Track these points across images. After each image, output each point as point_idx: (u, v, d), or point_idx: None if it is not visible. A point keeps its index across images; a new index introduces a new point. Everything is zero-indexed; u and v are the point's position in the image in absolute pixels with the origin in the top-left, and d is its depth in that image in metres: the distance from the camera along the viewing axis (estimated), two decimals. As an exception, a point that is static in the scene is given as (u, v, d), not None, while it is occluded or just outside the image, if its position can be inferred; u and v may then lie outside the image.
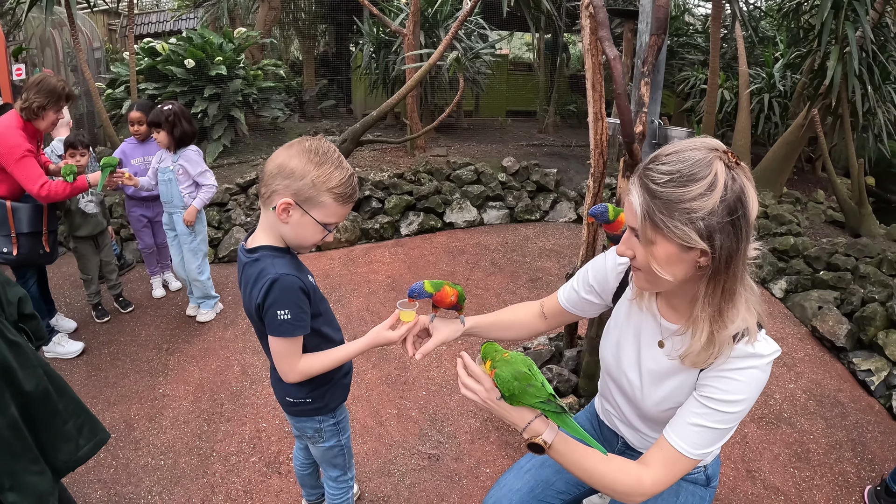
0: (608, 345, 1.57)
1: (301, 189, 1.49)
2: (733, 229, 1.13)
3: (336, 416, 1.87)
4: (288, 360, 1.62)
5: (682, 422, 1.31)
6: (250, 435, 3.09)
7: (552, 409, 1.30)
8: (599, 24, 2.24)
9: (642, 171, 1.20)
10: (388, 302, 4.48)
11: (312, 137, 1.56)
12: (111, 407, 3.31)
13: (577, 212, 6.48)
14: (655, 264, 1.20)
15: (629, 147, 2.29)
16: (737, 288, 1.20)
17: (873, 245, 4.96)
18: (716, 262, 1.15)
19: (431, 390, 3.50)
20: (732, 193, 1.12)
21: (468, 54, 7.62)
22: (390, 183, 6.07)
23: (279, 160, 1.52)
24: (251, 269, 1.56)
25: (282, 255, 1.59)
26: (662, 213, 1.14)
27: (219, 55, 6.97)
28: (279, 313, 1.53)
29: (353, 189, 1.56)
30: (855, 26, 5.49)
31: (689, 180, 1.12)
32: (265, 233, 1.60)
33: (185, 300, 4.48)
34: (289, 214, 1.52)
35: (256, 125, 8.25)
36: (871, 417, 3.55)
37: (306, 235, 1.56)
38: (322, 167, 1.50)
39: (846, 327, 4.07)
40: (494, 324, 1.74)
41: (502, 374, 1.29)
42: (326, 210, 1.53)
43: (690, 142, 1.18)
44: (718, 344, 1.24)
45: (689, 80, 9.16)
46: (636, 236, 1.23)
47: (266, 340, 1.65)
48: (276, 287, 1.51)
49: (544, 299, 1.74)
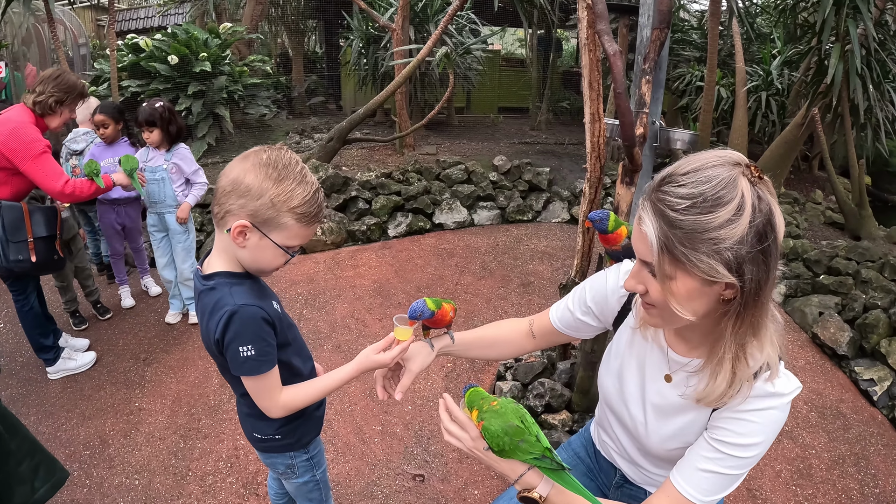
0: (608, 374, 1.42)
1: (259, 209, 1.30)
2: (764, 257, 0.97)
3: (309, 450, 1.69)
4: (267, 396, 1.44)
5: (692, 466, 1.18)
6: (227, 453, 2.93)
7: (548, 467, 1.15)
8: (598, 16, 2.08)
9: (654, 193, 1.03)
10: (373, 308, 4.33)
11: (271, 147, 1.36)
12: (86, 421, 3.16)
13: (570, 212, 6.32)
14: (674, 301, 1.04)
15: (629, 151, 2.14)
16: (763, 320, 1.05)
17: (875, 249, 4.84)
18: (745, 295, 1.00)
19: (418, 405, 3.35)
20: (762, 216, 0.96)
21: (458, 50, 7.45)
22: (378, 183, 5.90)
23: (233, 175, 1.32)
24: (207, 299, 1.38)
25: (240, 282, 1.40)
26: (685, 244, 0.98)
27: (203, 51, 6.78)
28: (241, 350, 1.34)
29: (318, 207, 1.37)
30: (857, 23, 5.36)
31: (715, 205, 0.96)
32: (220, 257, 1.41)
33: (164, 307, 4.31)
34: (245, 238, 1.33)
35: (242, 123, 8.07)
36: (874, 429, 3.43)
37: (266, 260, 1.38)
38: (282, 184, 1.30)
39: (848, 335, 3.95)
40: (477, 341, 1.59)
41: (491, 427, 1.13)
42: (288, 232, 1.34)
43: (708, 156, 1.02)
44: (739, 383, 1.09)
45: (685, 77, 9.04)
46: (648, 268, 1.07)
47: (229, 375, 1.48)
48: (236, 320, 1.32)
49: (533, 317, 1.58)
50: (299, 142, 7.81)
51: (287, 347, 1.51)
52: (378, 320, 4.17)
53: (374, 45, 8.01)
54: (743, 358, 1.07)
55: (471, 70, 8.49)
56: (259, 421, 1.55)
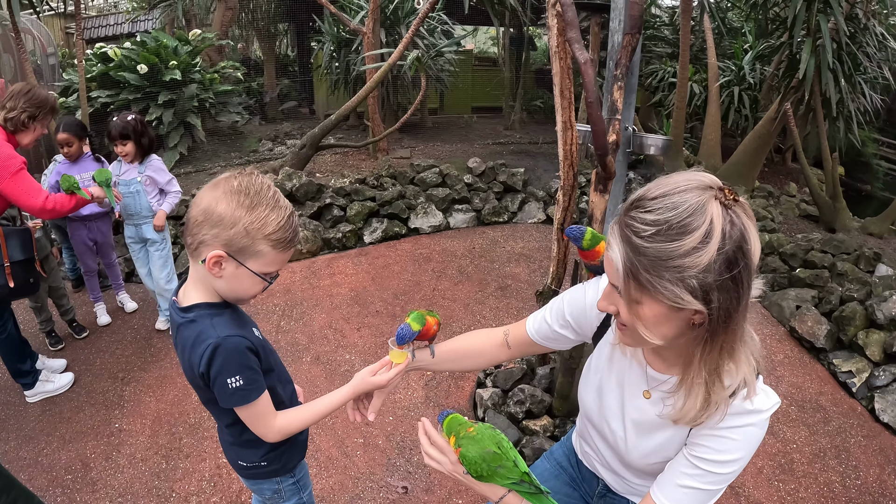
0: (588, 389, 1.42)
1: (233, 238, 1.27)
2: (733, 284, 0.96)
3: (295, 474, 1.68)
4: (261, 423, 1.43)
5: (671, 482, 1.18)
6: (210, 472, 2.89)
7: (528, 491, 1.14)
8: (568, 24, 2.06)
9: (623, 219, 1.02)
10: (351, 318, 4.29)
11: (241, 173, 1.32)
12: (67, 445, 3.10)
13: (546, 212, 6.33)
14: (641, 325, 1.04)
15: (602, 160, 2.13)
16: (736, 345, 1.04)
17: (850, 241, 4.92)
18: (713, 322, 0.99)
19: (398, 415, 3.33)
20: (731, 243, 0.94)
21: (430, 52, 7.42)
22: (352, 189, 5.85)
23: (204, 204, 1.28)
24: (187, 332, 1.35)
25: (220, 313, 1.37)
26: (649, 271, 0.97)
27: (173, 59, 6.69)
28: (229, 381, 1.32)
29: (293, 232, 1.34)
30: (827, 17, 5.43)
31: (681, 233, 0.94)
32: (197, 288, 1.38)
33: (140, 323, 4.24)
34: (221, 268, 1.30)
35: (214, 130, 7.97)
36: (854, 421, 3.48)
37: (244, 289, 1.35)
38: (255, 211, 1.27)
39: (825, 327, 4.00)
40: (449, 354, 1.57)
41: (468, 454, 1.14)
42: (265, 259, 1.32)
43: (680, 180, 1.00)
44: (714, 404, 1.09)
45: (658, 73, 9.10)
46: (619, 293, 1.07)
47: (213, 406, 1.45)
48: (220, 353, 1.30)
49: (508, 327, 1.56)
50: (272, 148, 7.73)
51: (270, 373, 1.48)
52: (356, 330, 4.14)
53: (346, 49, 7.95)
54: (718, 381, 1.07)
55: (443, 71, 8.47)
56: (244, 449, 1.53)
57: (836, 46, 5.72)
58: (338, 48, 8.01)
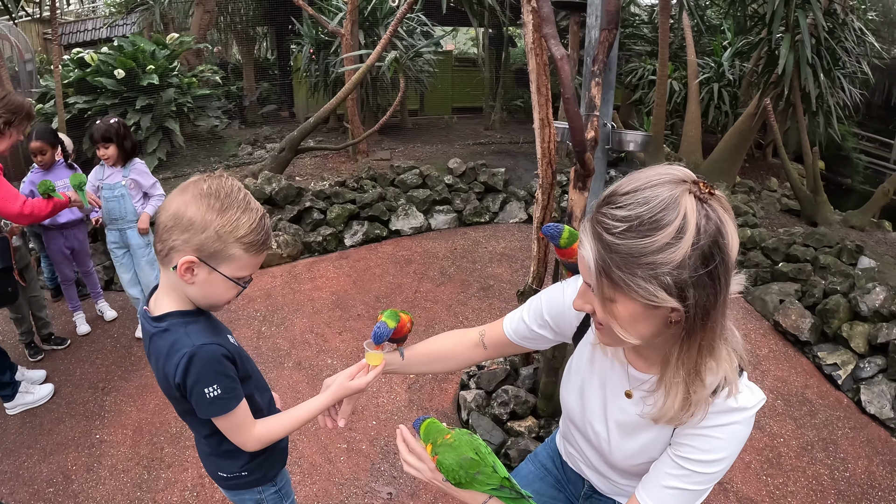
0: (570, 391, 1.39)
1: (204, 243, 1.24)
2: (710, 280, 0.93)
3: (277, 482, 1.64)
4: (241, 432, 1.39)
5: (657, 483, 1.16)
6: (193, 482, 2.84)
7: (509, 496, 1.12)
8: (543, 19, 2.04)
9: (595, 215, 1.00)
10: (333, 322, 4.25)
11: (210, 176, 1.29)
12: (47, 457, 3.04)
13: (527, 212, 6.33)
14: (616, 324, 1.01)
15: (581, 157, 2.11)
16: (716, 343, 1.01)
17: (831, 234, 4.95)
18: (689, 319, 0.96)
19: (382, 419, 3.29)
20: (707, 237, 0.91)
21: (409, 52, 7.39)
22: (332, 192, 5.80)
23: (173, 209, 1.25)
24: (161, 342, 1.31)
25: (194, 320, 1.34)
26: (622, 269, 0.94)
27: (151, 63, 6.60)
28: (207, 391, 1.28)
29: (265, 234, 1.31)
30: (806, 13, 5.47)
31: (652, 228, 0.91)
32: (169, 296, 1.34)
33: (120, 331, 4.17)
34: (193, 274, 1.27)
35: (193, 135, 7.87)
36: (840, 413, 3.49)
37: (217, 294, 1.32)
38: (226, 213, 1.24)
39: (809, 321, 4.02)
40: (424, 355, 1.54)
41: (445, 462, 1.11)
42: (237, 263, 1.29)
43: (653, 174, 0.97)
44: (694, 404, 1.06)
45: (638, 71, 9.14)
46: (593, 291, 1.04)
47: (191, 417, 1.41)
48: (196, 362, 1.27)
49: (485, 327, 1.52)
50: (251, 152, 7.66)
51: (248, 381, 1.45)
52: (338, 334, 4.09)
53: (325, 51, 7.90)
54: (697, 379, 1.04)
55: (423, 72, 8.44)
56: (223, 460, 1.50)
57: (815, 42, 5.76)
58: (317, 50, 7.95)
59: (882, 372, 3.61)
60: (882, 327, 3.70)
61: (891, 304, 3.78)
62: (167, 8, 9.32)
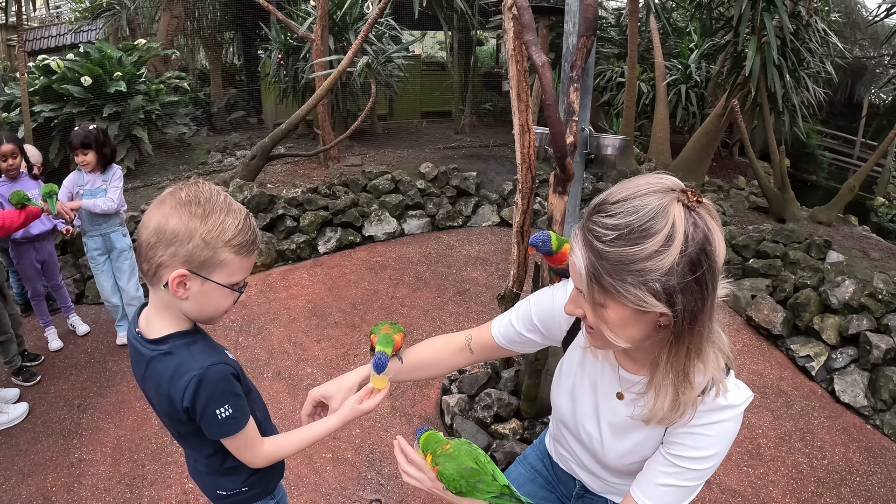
0: (561, 394, 1.41)
1: (192, 253, 1.19)
2: (698, 286, 0.96)
3: (275, 495, 1.62)
4: (250, 449, 1.37)
5: (651, 481, 1.19)
6: (177, 499, 2.79)
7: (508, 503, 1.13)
8: (525, 27, 2.06)
9: (585, 223, 1.02)
10: (310, 330, 4.22)
11: (185, 184, 1.25)
12: (26, 479, 2.95)
13: (500, 215, 6.39)
14: (607, 329, 1.04)
15: (561, 162, 2.14)
16: (703, 346, 1.05)
17: (800, 230, 5.07)
18: (678, 324, 0.99)
19: (366, 427, 3.29)
20: (695, 245, 0.94)
21: (380, 58, 7.39)
22: (304, 199, 5.76)
23: (154, 224, 1.19)
24: (162, 365, 1.26)
25: (194, 340, 1.30)
26: (612, 275, 0.97)
27: (118, 70, 6.48)
28: (218, 412, 1.25)
29: (253, 233, 1.27)
30: (772, 15, 5.60)
31: (642, 236, 0.94)
32: (164, 316, 1.29)
33: (94, 346, 4.08)
34: (186, 288, 1.22)
35: (162, 143, 7.73)
36: (816, 403, 3.59)
37: (214, 305, 1.28)
38: (209, 218, 1.19)
39: (781, 314, 4.12)
40: (409, 363, 1.54)
41: (446, 472, 1.12)
42: (230, 268, 1.24)
43: (642, 183, 1.00)
44: (683, 405, 1.10)
45: (606, 73, 9.26)
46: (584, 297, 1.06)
47: (192, 439, 1.38)
48: (205, 384, 1.23)
49: (470, 331, 1.53)
50: (221, 160, 7.57)
51: (249, 394, 1.43)
52: (316, 342, 4.07)
53: (294, 56, 7.84)
54: (686, 381, 1.07)
55: (392, 77, 8.44)
56: (223, 477, 1.47)
57: (781, 43, 5.91)
58: (286, 56, 7.90)
59: (854, 362, 3.72)
60: (852, 319, 3.82)
61: (860, 297, 3.90)
62: (133, 14, 9.15)
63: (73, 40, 11.61)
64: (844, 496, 2.91)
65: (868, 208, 11.59)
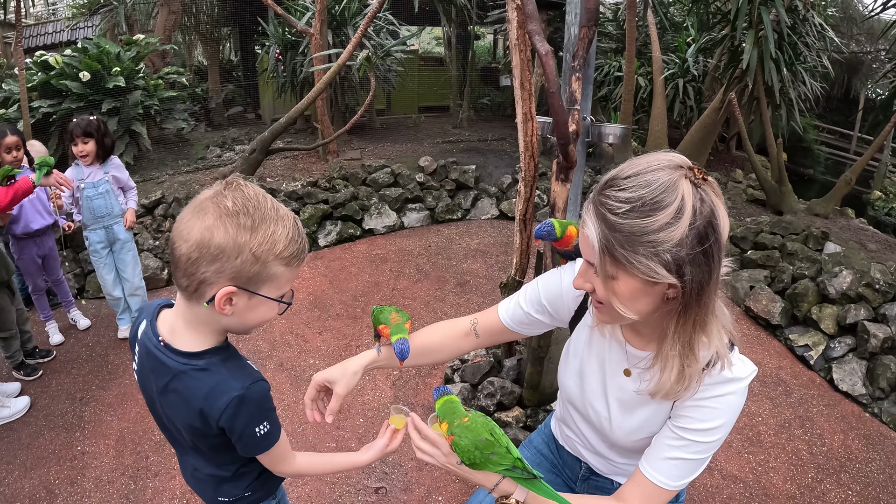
0: (569, 373, 1.43)
1: (241, 269, 1.10)
2: (705, 258, 1.00)
3: (277, 495, 1.60)
4: (283, 462, 1.35)
5: (659, 455, 1.21)
6: (182, 489, 2.80)
7: (521, 476, 1.16)
8: (528, 16, 2.08)
9: (597, 197, 1.05)
10: (312, 322, 4.24)
11: (229, 187, 1.12)
12: (28, 472, 2.95)
13: (499, 208, 6.42)
14: (617, 301, 1.07)
15: (564, 149, 2.15)
16: (709, 318, 1.08)
17: (797, 222, 5.10)
18: (686, 295, 1.03)
19: (368, 416, 3.30)
20: (702, 218, 0.99)
21: (379, 52, 7.40)
22: (304, 192, 5.78)
23: (196, 237, 1.08)
24: (195, 382, 1.19)
25: (229, 355, 1.23)
26: (624, 247, 1.00)
27: (116, 65, 6.47)
28: (258, 430, 1.22)
29: (303, 240, 1.18)
30: (769, 10, 5.63)
31: (654, 209, 0.98)
32: (198, 331, 1.20)
33: (95, 340, 4.09)
34: (233, 304, 1.13)
35: (160, 138, 7.73)
36: (814, 391, 3.62)
37: (260, 318, 1.20)
38: (259, 230, 1.09)
39: (780, 305, 4.15)
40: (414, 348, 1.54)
41: (461, 443, 1.15)
42: (279, 281, 1.15)
43: (651, 160, 1.04)
44: (689, 378, 1.13)
45: (604, 67, 9.28)
46: (595, 271, 1.09)
47: (207, 454, 1.33)
48: (248, 404, 1.18)
49: (476, 316, 1.55)
50: (220, 155, 7.58)
51: None
52: (318, 334, 4.09)
53: (292, 51, 7.85)
54: (691, 353, 1.10)
55: (391, 72, 8.45)
56: (225, 483, 1.41)
57: (778, 37, 5.94)
58: (284, 51, 7.90)
59: (852, 351, 3.76)
60: (850, 308, 3.85)
61: (857, 287, 3.93)
62: (131, 10, 9.13)
63: (69, 37, 11.58)
64: (844, 482, 2.94)
65: (865, 202, 11.64)
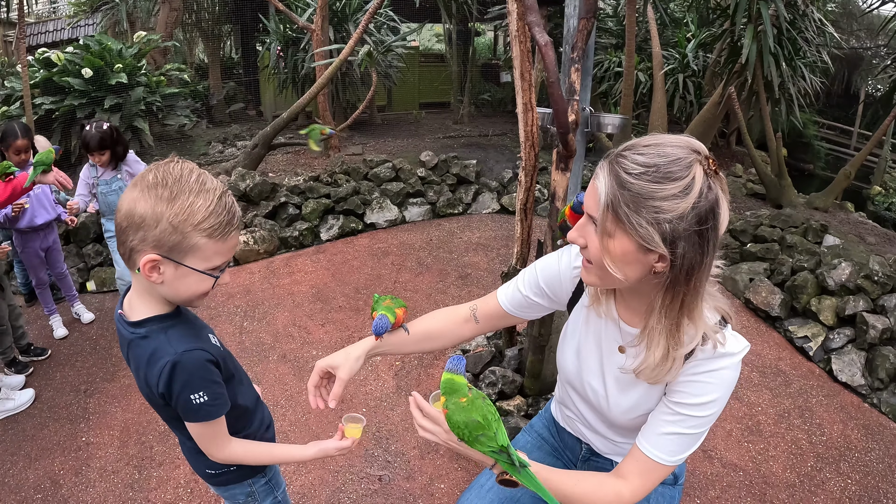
0: (567, 353, 1.45)
1: (161, 237, 1.14)
2: (699, 239, 1.04)
3: (266, 473, 1.61)
4: (214, 442, 1.36)
5: (656, 430, 1.24)
6: (186, 478, 2.82)
7: (504, 462, 1.20)
8: (528, 8, 2.11)
9: (615, 157, 1.09)
10: (314, 314, 4.27)
11: (157, 165, 1.18)
12: (33, 463, 2.97)
13: (499, 202, 6.46)
14: (608, 259, 1.10)
15: (564, 138, 2.18)
16: (697, 304, 1.11)
17: (797, 215, 5.13)
18: (675, 270, 1.06)
19: (371, 406, 3.33)
20: (706, 202, 1.02)
21: (380, 48, 7.42)
22: (306, 187, 5.82)
23: (125, 208, 1.15)
24: (140, 350, 1.24)
25: (173, 324, 1.27)
26: (629, 206, 1.04)
27: (118, 62, 6.50)
28: (193, 398, 1.24)
29: (229, 214, 1.19)
30: (769, 5, 5.64)
31: (665, 178, 1.02)
32: (143, 299, 1.26)
33: (99, 333, 4.12)
34: (160, 272, 1.18)
35: (162, 134, 7.77)
36: (814, 382, 3.64)
37: (190, 290, 1.23)
38: (177, 201, 1.13)
39: (779, 297, 4.17)
40: (415, 334, 1.59)
41: (453, 416, 1.18)
42: (204, 252, 1.18)
43: (672, 138, 1.08)
44: (672, 360, 1.16)
45: (603, 63, 9.29)
46: (594, 223, 1.12)
47: (175, 423, 1.37)
48: (180, 370, 1.21)
49: (475, 302, 1.58)
50: (222, 150, 7.61)
51: (231, 380, 1.42)
52: (321, 326, 4.12)
53: (294, 48, 7.88)
54: (677, 334, 1.13)
55: (392, 68, 8.48)
56: (204, 455, 1.45)
57: (777, 32, 5.95)
58: (285, 47, 7.93)
59: (851, 342, 3.78)
60: (849, 300, 3.87)
61: (856, 279, 3.95)
62: (132, 7, 9.15)
63: (70, 35, 11.61)
64: (843, 471, 2.96)
65: (865, 197, 11.65)
